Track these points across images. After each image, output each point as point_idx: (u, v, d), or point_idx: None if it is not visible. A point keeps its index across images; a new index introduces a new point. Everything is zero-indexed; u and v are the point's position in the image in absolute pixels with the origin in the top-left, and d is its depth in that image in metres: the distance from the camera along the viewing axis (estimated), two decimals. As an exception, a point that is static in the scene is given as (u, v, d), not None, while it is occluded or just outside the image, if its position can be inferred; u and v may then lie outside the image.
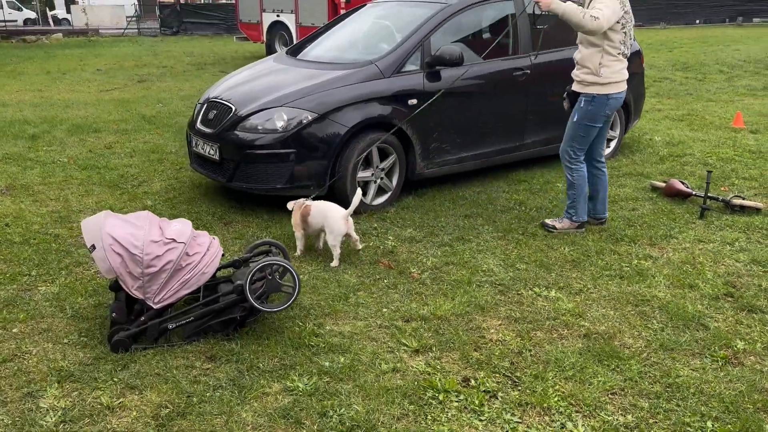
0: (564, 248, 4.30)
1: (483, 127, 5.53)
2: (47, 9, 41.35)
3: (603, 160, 4.64)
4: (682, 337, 3.17)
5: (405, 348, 3.10)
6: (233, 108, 4.91)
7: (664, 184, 5.38)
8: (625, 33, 4.16)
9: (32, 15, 38.65)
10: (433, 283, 3.80)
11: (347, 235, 4.06)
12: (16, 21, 35.89)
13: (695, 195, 5.13)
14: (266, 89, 5.00)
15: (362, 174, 4.91)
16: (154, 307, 3.06)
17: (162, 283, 3.04)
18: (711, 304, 3.52)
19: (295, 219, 4.18)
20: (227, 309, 3.15)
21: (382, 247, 4.35)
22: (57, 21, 38.46)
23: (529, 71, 5.65)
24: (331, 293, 3.65)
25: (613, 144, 6.65)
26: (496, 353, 3.05)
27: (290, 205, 4.22)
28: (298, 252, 4.20)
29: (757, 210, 4.88)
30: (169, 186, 5.70)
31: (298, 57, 5.74)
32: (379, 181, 5.03)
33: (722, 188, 5.49)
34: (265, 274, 3.14)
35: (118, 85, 12.55)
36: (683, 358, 3.01)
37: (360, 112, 4.78)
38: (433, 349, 3.10)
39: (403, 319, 3.37)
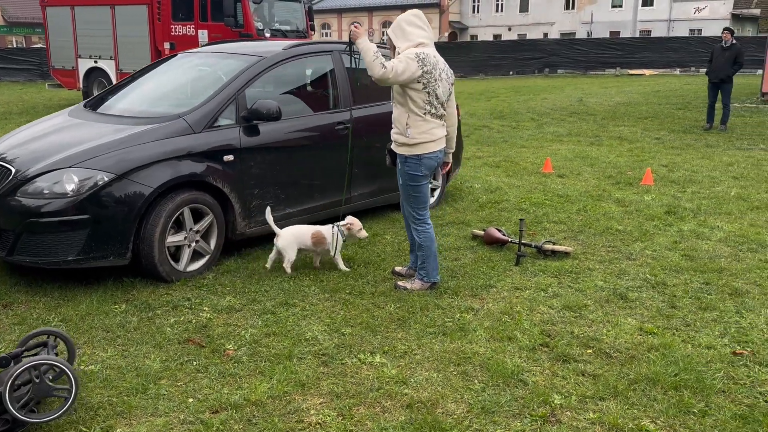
0: (390, 306, 4.17)
1: (308, 181, 5.34)
2: None
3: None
4: (503, 397, 3.12)
5: (211, 446, 2.72)
6: (12, 170, 4.26)
7: (483, 233, 5.53)
8: (428, 93, 4.09)
9: None
10: (250, 361, 3.45)
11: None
12: None
13: (511, 242, 5.32)
14: (55, 148, 4.42)
15: (173, 238, 4.47)
16: None
17: None
18: (529, 356, 3.54)
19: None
20: (-16, 423, 2.57)
21: (194, 321, 3.93)
22: None
23: (350, 125, 5.59)
24: (127, 386, 3.16)
25: (436, 194, 6.80)
26: (315, 439, 2.78)
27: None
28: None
29: (567, 254, 5.15)
30: (-63, 262, 4.81)
31: (98, 111, 5.20)
32: (193, 244, 4.61)
33: (530, 232, 5.76)
34: (31, 377, 2.61)
35: None
36: (504, 421, 2.94)
37: (166, 170, 4.37)
38: (244, 442, 2.75)
39: (210, 410, 2.98)
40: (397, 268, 4.78)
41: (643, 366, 3.40)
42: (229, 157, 4.70)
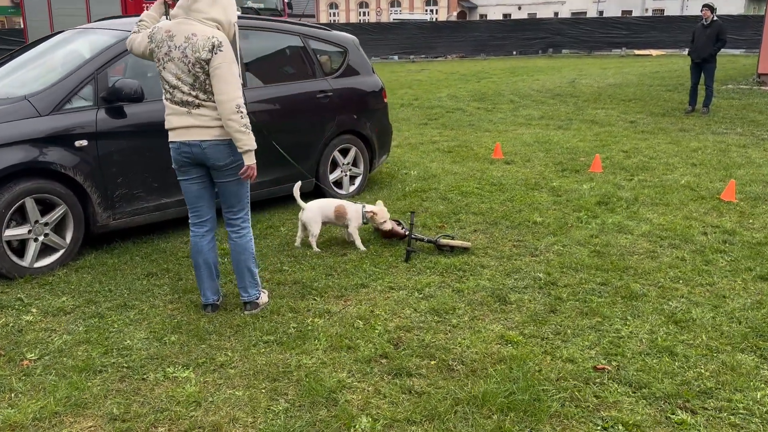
0: (238, 311, 3.77)
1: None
2: None
3: (232, 221, 3.67)
4: (300, 420, 2.72)
5: (-73, 479, 2.37)
6: None
7: (382, 225, 5.10)
8: (159, 73, 3.44)
9: None
10: (43, 373, 3.08)
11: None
12: None
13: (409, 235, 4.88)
14: None
15: (14, 231, 4.10)
16: None
17: None
18: (360, 369, 3.13)
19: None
20: None
21: (12, 324, 3.58)
22: None
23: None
24: None
25: (357, 181, 6.38)
26: (52, 472, 2.41)
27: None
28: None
29: (465, 249, 4.71)
30: None
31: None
32: (42, 238, 4.24)
33: (439, 225, 5.32)
34: None
35: None
36: (287, 451, 2.55)
37: (2, 157, 3.99)
38: (-33, 475, 2.39)
39: (-46, 434, 2.62)
40: None
41: (480, 382, 2.98)
42: (83, 142, 4.32)
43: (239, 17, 5.90)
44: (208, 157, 3.47)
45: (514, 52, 33.92)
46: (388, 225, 4.85)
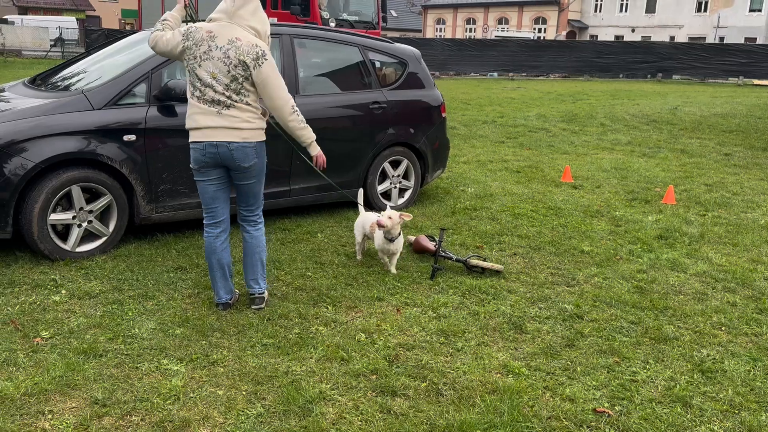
0: (249, 311, 3.80)
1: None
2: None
3: (248, 218, 3.79)
4: (266, 428, 2.69)
5: None
6: None
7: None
8: (189, 72, 3.53)
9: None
10: (49, 352, 3.24)
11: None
12: None
13: (441, 253, 4.75)
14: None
15: (59, 216, 4.36)
16: None
17: None
18: (346, 382, 3.06)
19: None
20: None
21: (40, 303, 3.79)
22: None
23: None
24: None
25: (407, 194, 6.31)
26: (21, 446, 2.51)
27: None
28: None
29: (498, 272, 4.52)
30: None
31: (35, 84, 5.21)
32: (85, 224, 4.49)
33: (478, 245, 5.15)
34: None
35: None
36: (244, 456, 2.52)
37: (53, 146, 4.26)
38: (-52, 438, 2.54)
39: (-50, 398, 2.80)
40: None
41: (464, 411, 2.83)
42: (131, 137, 4.53)
43: (311, 27, 6.07)
44: (234, 159, 3.55)
45: (621, 75, 32.67)
46: (390, 218, 4.35)
